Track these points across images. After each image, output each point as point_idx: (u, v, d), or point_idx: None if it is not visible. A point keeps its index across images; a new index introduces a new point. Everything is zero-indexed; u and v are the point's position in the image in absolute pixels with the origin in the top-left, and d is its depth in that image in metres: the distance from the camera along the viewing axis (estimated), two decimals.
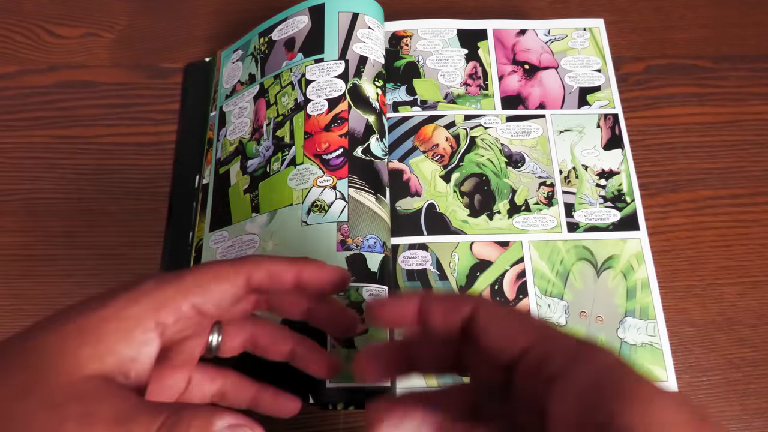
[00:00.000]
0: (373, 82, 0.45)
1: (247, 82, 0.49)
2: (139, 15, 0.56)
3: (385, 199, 0.42)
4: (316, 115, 0.43)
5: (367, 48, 0.45)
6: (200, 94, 0.51)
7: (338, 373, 0.31)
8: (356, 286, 0.38)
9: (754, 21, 0.56)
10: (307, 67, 0.45)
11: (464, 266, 0.42)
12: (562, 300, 0.41)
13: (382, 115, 0.44)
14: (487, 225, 0.44)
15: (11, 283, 0.45)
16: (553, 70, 0.49)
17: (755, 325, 0.44)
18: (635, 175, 0.46)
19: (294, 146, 0.43)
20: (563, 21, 0.51)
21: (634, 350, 0.40)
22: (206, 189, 0.47)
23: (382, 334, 0.38)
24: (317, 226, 0.40)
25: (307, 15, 0.47)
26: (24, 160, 0.49)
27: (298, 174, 0.42)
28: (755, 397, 0.42)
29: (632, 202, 0.44)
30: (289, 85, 0.46)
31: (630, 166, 0.46)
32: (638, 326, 0.40)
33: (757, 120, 0.51)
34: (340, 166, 0.41)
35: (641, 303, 0.41)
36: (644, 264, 0.42)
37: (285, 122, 0.45)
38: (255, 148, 0.45)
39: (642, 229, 0.44)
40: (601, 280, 0.42)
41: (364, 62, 0.45)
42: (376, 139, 0.43)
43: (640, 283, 0.42)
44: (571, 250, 0.43)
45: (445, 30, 0.51)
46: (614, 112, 0.48)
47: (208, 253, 0.44)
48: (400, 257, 0.42)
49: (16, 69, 0.53)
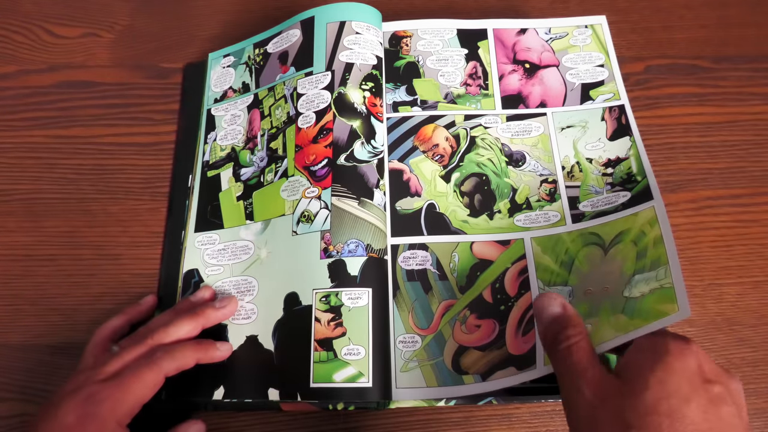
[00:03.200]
0: (360, 86, 0.45)
1: (241, 90, 0.49)
2: (139, 15, 0.56)
3: (372, 201, 0.42)
4: (306, 128, 0.45)
5: (354, 54, 0.46)
6: (199, 95, 0.51)
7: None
8: (336, 291, 0.39)
9: (754, 21, 0.56)
10: (299, 81, 0.46)
11: (464, 266, 0.42)
12: (567, 286, 0.41)
13: (370, 117, 0.45)
14: (487, 224, 0.44)
15: (11, 283, 0.45)
16: (554, 68, 0.49)
17: (755, 325, 0.44)
18: (646, 156, 0.45)
19: (286, 158, 0.44)
20: (565, 20, 0.51)
21: (641, 301, 0.37)
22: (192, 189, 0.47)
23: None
24: (304, 235, 0.41)
25: (299, 29, 0.48)
26: (24, 160, 0.49)
27: (290, 186, 0.43)
28: (755, 397, 0.42)
29: (644, 179, 0.44)
30: (282, 98, 0.47)
31: (640, 148, 0.45)
32: (647, 277, 0.39)
33: (757, 120, 0.51)
34: (324, 177, 0.42)
35: (652, 258, 0.39)
36: (657, 224, 0.40)
37: (278, 135, 0.46)
38: (249, 157, 0.46)
39: (656, 197, 0.42)
40: (609, 256, 0.41)
41: (350, 69, 0.45)
42: (361, 143, 0.43)
43: (652, 242, 0.39)
44: (576, 239, 0.42)
45: (445, 30, 0.51)
46: (620, 104, 0.48)
47: (192, 253, 0.44)
48: (400, 257, 0.42)
49: (16, 69, 0.53)
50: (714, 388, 0.29)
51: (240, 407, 0.40)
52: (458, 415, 0.41)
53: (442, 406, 0.40)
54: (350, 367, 0.37)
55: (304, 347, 0.38)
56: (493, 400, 0.39)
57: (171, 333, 0.37)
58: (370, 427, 0.41)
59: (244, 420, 0.41)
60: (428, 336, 0.40)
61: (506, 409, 0.42)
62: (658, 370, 0.29)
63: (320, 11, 0.48)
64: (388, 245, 0.43)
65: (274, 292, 0.41)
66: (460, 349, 0.40)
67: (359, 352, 0.38)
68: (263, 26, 0.51)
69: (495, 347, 0.39)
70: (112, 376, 0.34)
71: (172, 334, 0.37)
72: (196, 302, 0.41)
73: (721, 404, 0.29)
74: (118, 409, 0.33)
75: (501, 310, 0.41)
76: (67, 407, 0.33)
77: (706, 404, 0.28)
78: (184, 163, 0.49)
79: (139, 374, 0.34)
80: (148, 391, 0.34)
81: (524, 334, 0.40)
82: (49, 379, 0.42)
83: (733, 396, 0.29)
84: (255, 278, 0.42)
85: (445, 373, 0.39)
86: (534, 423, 0.41)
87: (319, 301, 0.39)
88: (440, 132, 0.47)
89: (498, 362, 0.39)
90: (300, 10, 0.49)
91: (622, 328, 0.36)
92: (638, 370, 0.30)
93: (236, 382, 0.39)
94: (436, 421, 0.41)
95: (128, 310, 0.42)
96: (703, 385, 0.29)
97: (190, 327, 0.38)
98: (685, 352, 0.30)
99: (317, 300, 0.39)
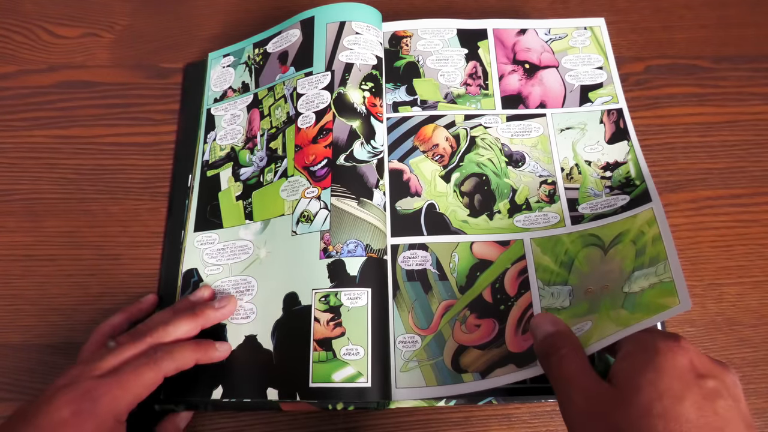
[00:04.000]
0: (360, 86, 0.45)
1: (240, 90, 0.49)
2: (139, 15, 0.56)
3: (372, 201, 0.42)
4: (305, 128, 0.44)
5: (354, 54, 0.46)
6: (199, 95, 0.51)
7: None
8: (335, 291, 0.39)
9: (754, 21, 0.56)
10: (298, 81, 0.46)
11: (464, 266, 0.42)
12: (567, 285, 0.41)
13: (370, 117, 0.45)
14: (487, 225, 0.44)
15: (11, 283, 0.45)
16: (554, 69, 0.49)
17: (755, 325, 0.44)
18: (644, 160, 0.45)
19: (286, 158, 0.44)
20: (564, 21, 0.51)
21: (641, 296, 0.37)
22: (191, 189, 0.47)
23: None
24: (304, 235, 0.41)
25: (299, 29, 0.48)
26: (24, 160, 0.49)
27: (289, 186, 0.43)
28: (755, 397, 0.42)
29: (642, 183, 0.44)
30: (282, 98, 0.47)
31: (638, 153, 0.45)
32: (647, 273, 0.38)
33: (757, 120, 0.51)
34: (324, 177, 0.42)
35: (651, 254, 0.39)
36: (656, 223, 0.40)
37: (278, 135, 0.46)
38: (248, 156, 0.46)
39: (654, 199, 0.42)
40: (608, 256, 0.41)
41: (350, 69, 0.45)
42: (361, 143, 0.43)
43: (651, 240, 0.39)
44: (576, 240, 0.42)
45: (445, 30, 0.51)
46: (618, 107, 0.48)
47: (192, 253, 0.44)
48: (400, 257, 0.42)
49: (16, 69, 0.53)
50: (708, 383, 0.29)
51: (239, 407, 0.40)
52: (458, 415, 0.41)
53: (442, 406, 0.40)
54: (349, 367, 0.37)
55: (304, 347, 0.38)
56: (493, 400, 0.39)
57: (170, 332, 0.37)
58: (370, 427, 0.41)
59: (244, 420, 0.41)
60: (428, 336, 0.40)
61: (506, 409, 0.42)
62: (649, 372, 0.29)
63: (320, 11, 0.48)
64: (388, 245, 0.43)
65: (273, 291, 0.41)
66: (459, 348, 0.40)
67: (358, 352, 0.38)
68: (263, 26, 0.51)
69: (495, 346, 0.39)
70: (109, 372, 0.34)
71: (171, 333, 0.37)
72: (196, 301, 0.41)
73: (716, 399, 0.28)
74: (116, 405, 0.33)
75: (501, 309, 0.41)
76: (60, 402, 0.32)
77: (700, 401, 0.28)
78: (184, 163, 0.49)
79: (138, 372, 0.34)
80: (146, 390, 0.34)
81: (524, 333, 0.40)
82: (49, 379, 0.42)
83: (729, 389, 0.29)
84: (254, 278, 0.42)
85: (444, 373, 0.39)
86: (534, 423, 0.41)
87: (318, 301, 0.39)
88: (440, 132, 0.47)
89: (498, 360, 0.39)
90: (300, 10, 0.49)
91: (623, 322, 0.36)
92: (629, 375, 0.30)
93: (235, 382, 0.39)
94: (436, 421, 0.41)
95: (128, 308, 0.42)
96: (696, 381, 0.29)
97: (189, 327, 0.38)
98: (675, 350, 0.30)
99: (316, 300, 0.39)
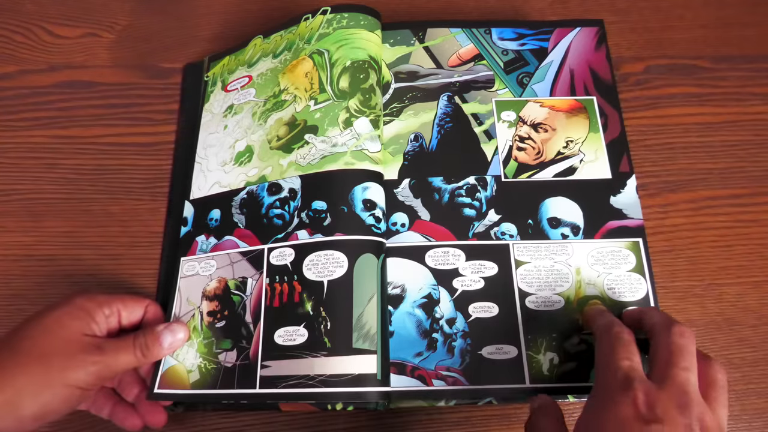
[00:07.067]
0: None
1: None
2: (139, 15, 0.56)
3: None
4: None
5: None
6: (199, 95, 0.51)
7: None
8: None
9: (754, 21, 0.56)
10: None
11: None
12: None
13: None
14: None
15: (11, 283, 0.45)
16: None
17: (755, 326, 0.44)
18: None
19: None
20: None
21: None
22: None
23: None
24: None
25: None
26: (24, 160, 0.49)
27: None
28: (755, 397, 0.42)
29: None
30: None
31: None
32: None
33: (756, 120, 0.51)
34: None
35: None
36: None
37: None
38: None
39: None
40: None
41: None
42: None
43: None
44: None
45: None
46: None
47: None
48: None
49: (16, 69, 0.53)
50: (652, 429, 0.27)
51: (239, 407, 0.40)
52: (458, 415, 0.41)
53: (442, 406, 0.40)
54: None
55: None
56: (493, 400, 0.39)
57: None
58: (370, 427, 0.41)
59: (244, 420, 0.41)
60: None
61: (506, 409, 0.42)
62: (592, 430, 0.29)
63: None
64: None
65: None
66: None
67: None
68: (263, 26, 0.51)
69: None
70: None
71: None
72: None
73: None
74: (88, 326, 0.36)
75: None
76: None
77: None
78: (184, 163, 0.49)
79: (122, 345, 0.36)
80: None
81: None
82: None
83: (685, 427, 0.27)
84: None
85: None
86: None
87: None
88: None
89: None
90: (299, 10, 0.49)
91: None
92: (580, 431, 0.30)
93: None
94: (436, 421, 0.41)
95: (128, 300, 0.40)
96: (640, 429, 0.27)
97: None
98: (618, 401, 0.29)
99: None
